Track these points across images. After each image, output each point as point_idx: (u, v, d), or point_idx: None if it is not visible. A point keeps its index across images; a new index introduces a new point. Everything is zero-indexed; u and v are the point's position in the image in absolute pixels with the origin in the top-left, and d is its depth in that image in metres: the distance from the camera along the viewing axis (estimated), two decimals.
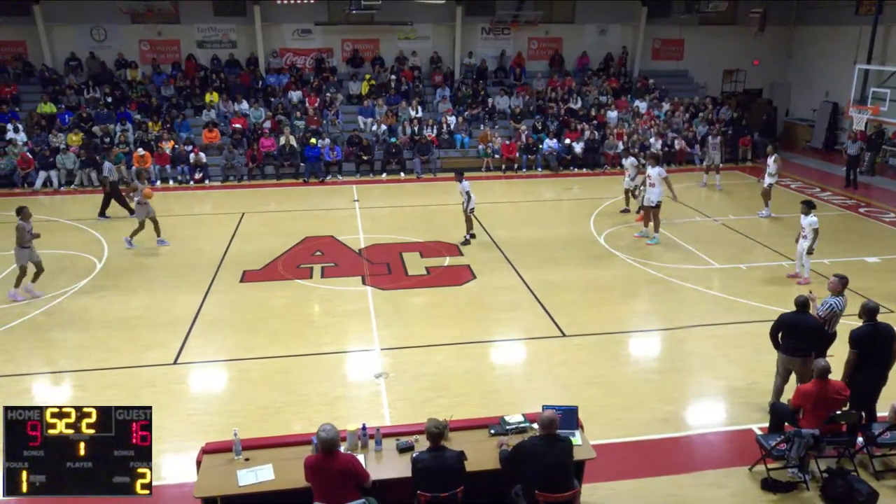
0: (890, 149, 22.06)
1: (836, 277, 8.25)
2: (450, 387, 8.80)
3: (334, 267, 13.19)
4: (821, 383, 6.83)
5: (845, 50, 23.12)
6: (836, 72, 23.55)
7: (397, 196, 18.71)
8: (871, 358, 7.28)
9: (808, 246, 11.90)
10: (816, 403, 6.82)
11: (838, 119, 24.40)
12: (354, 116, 22.83)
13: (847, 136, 23.01)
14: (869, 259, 13.60)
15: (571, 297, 11.79)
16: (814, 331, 7.79)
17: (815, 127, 25.43)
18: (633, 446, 7.64)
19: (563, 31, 25.66)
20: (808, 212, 11.91)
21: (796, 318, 7.80)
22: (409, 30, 24.58)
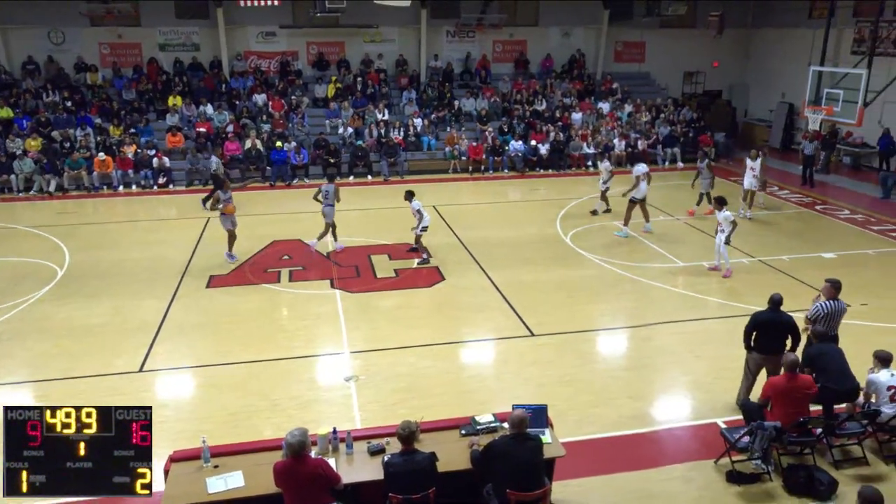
0: (844, 148, 22.68)
1: (828, 283, 8.41)
2: (420, 388, 8.79)
3: (302, 270, 13.08)
4: (790, 377, 6.99)
5: (800, 52, 23.72)
6: (791, 73, 24.14)
7: (365, 199, 18.63)
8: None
9: (724, 238, 12.33)
10: (784, 396, 6.97)
11: (794, 119, 25.02)
12: (321, 119, 22.69)
13: (802, 135, 23.61)
14: (826, 255, 13.95)
15: (540, 296, 11.87)
16: (788, 328, 7.88)
17: (773, 127, 26.04)
18: (603, 443, 7.72)
19: (527, 34, 25.86)
20: (720, 208, 12.48)
21: (771, 316, 7.91)
22: (375, 32, 24.51)
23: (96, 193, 19.16)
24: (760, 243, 14.64)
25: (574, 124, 23.33)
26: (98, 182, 19.37)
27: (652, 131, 23.48)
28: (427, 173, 21.39)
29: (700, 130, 23.92)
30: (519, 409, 6.06)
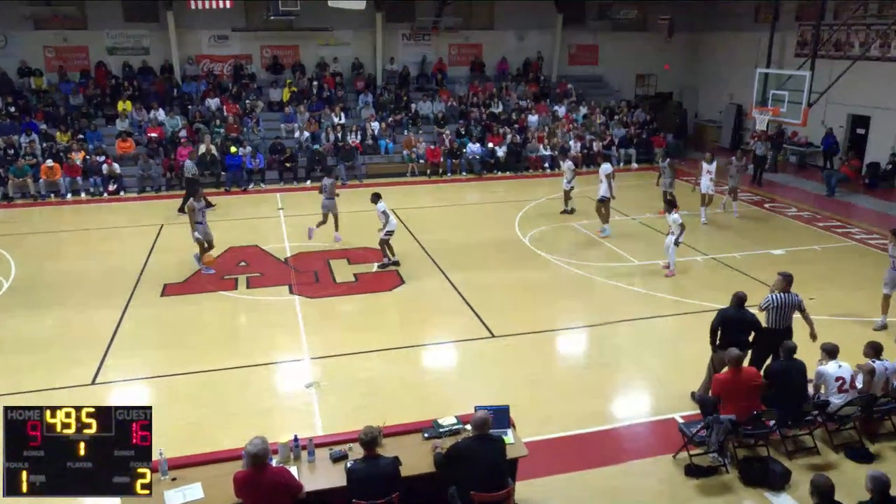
0: (790, 147, 23.40)
1: (780, 276, 8.65)
2: (382, 393, 8.74)
3: (260, 277, 12.89)
4: (735, 371, 7.17)
5: (747, 55, 24.38)
6: (739, 76, 24.78)
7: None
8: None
9: (674, 239, 12.53)
10: (732, 391, 7.14)
11: (743, 120, 25.72)
12: (276, 123, 22.42)
13: (751, 135, 24.29)
14: (775, 251, 14.36)
15: (500, 298, 11.94)
16: (752, 325, 8.13)
17: (723, 128, 26.72)
18: (565, 441, 7.79)
19: (482, 37, 26.02)
20: (670, 210, 12.68)
21: (736, 313, 8.12)
22: (330, 36, 24.35)
23: (43, 202, 18.56)
24: (712, 241, 15.00)
25: (530, 127, 23.55)
26: (45, 190, 18.76)
27: (607, 133, 23.87)
28: (385, 177, 21.33)
29: (653, 132, 24.41)
30: (481, 410, 6.07)
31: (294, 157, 20.82)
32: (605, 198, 15.03)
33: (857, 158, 20.59)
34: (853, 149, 21.20)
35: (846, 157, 21.01)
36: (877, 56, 20.28)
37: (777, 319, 8.39)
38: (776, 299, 8.42)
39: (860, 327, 10.43)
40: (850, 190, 19.49)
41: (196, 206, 12.70)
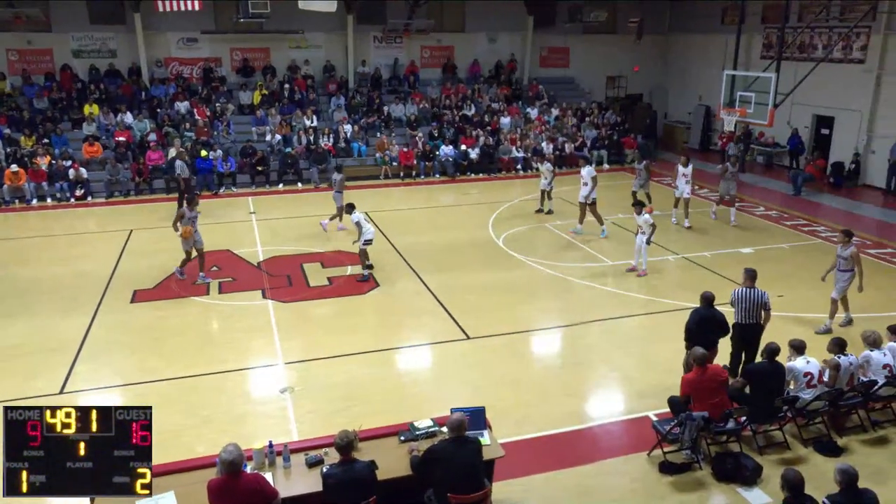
0: (757, 147, 23.83)
1: (745, 272, 8.93)
2: (358, 396, 8.71)
3: (232, 282, 12.76)
4: (700, 370, 7.28)
5: (714, 57, 24.80)
6: (707, 77, 25.19)
7: (295, 207, 18.34)
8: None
9: (646, 239, 12.65)
10: (700, 389, 7.25)
11: (711, 121, 26.13)
12: (247, 127, 22.20)
13: (718, 136, 24.70)
14: (744, 250, 14.60)
15: (475, 299, 11.97)
16: (722, 324, 8.30)
17: (692, 129, 27.12)
18: (541, 441, 7.83)
19: (454, 40, 26.08)
20: (640, 211, 12.78)
21: (708, 312, 8.29)
22: (301, 38, 24.20)
23: (8, 207, 18.15)
24: (683, 241, 15.20)
25: (503, 129, 23.65)
26: (9, 195, 18.35)
27: (578, 134, 24.06)
28: (358, 180, 21.20)
29: (624, 133, 24.67)
30: (457, 412, 6.08)
31: (265, 160, 20.65)
32: (594, 199, 15.10)
33: (823, 158, 21.06)
34: (818, 149, 21.69)
35: (812, 156, 21.47)
36: (839, 58, 20.76)
37: (743, 314, 8.66)
38: (740, 294, 8.67)
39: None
40: (815, 189, 19.91)
41: (188, 214, 12.19)
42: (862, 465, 6.68)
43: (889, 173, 19.54)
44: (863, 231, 15.91)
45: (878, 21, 19.37)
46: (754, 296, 8.64)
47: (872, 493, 5.51)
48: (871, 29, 19.73)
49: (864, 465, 6.92)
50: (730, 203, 16.35)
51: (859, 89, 20.21)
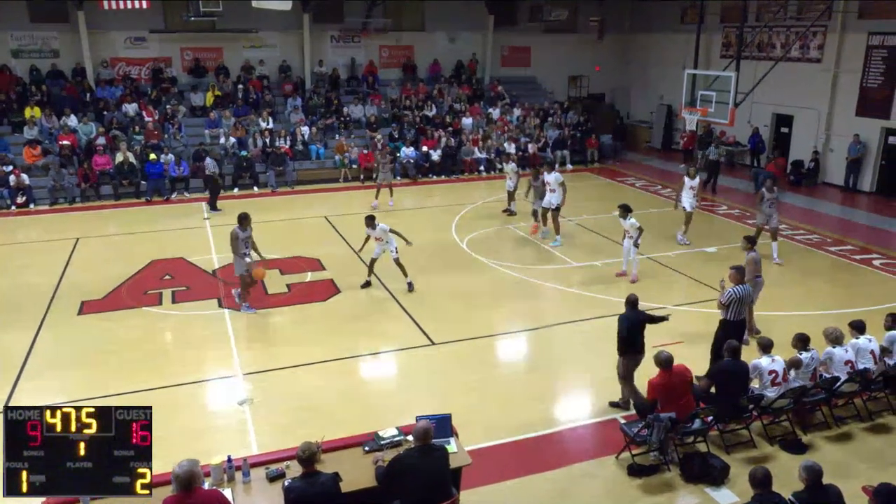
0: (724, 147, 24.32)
1: (733, 269, 9.16)
2: (320, 407, 8.63)
3: (186, 290, 12.53)
4: (666, 373, 7.40)
5: (675, 56, 25.30)
6: (668, 76, 25.69)
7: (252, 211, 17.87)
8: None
9: (633, 242, 12.64)
10: (667, 392, 7.37)
11: (673, 120, 26.65)
12: (199, 129, 21.87)
13: (680, 135, 25.18)
14: (708, 249, 14.91)
15: (439, 304, 11.97)
16: (651, 320, 8.42)
17: (654, 128, 27.62)
18: (508, 447, 7.86)
19: (413, 39, 26.09)
20: (625, 216, 12.70)
21: (636, 315, 8.34)
22: (255, 38, 23.94)
23: None
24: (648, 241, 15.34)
25: (465, 129, 23.74)
26: None
27: (541, 135, 24.28)
28: (317, 183, 21.10)
29: (587, 133, 24.98)
30: (422, 420, 6.07)
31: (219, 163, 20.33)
32: (559, 206, 14.97)
33: (783, 157, 21.65)
34: (778, 147, 22.30)
35: (772, 155, 22.04)
36: (797, 57, 21.38)
37: (735, 312, 8.93)
38: (737, 293, 8.91)
39: (788, 321, 10.91)
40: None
41: (241, 234, 11.24)
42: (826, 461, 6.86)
43: (847, 171, 20.18)
44: (823, 228, 16.42)
45: (834, 20, 20.00)
46: (746, 292, 9.02)
47: (837, 488, 5.66)
48: (827, 28, 20.37)
49: (828, 461, 7.10)
50: (772, 235, 14.05)
51: (817, 88, 20.84)
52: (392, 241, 12.28)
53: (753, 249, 10.47)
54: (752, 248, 10.49)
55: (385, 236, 12.24)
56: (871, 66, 19.38)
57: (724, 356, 7.98)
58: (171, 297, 12.24)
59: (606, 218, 17.39)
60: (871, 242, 15.47)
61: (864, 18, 19.50)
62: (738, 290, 8.95)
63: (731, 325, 8.92)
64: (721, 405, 7.69)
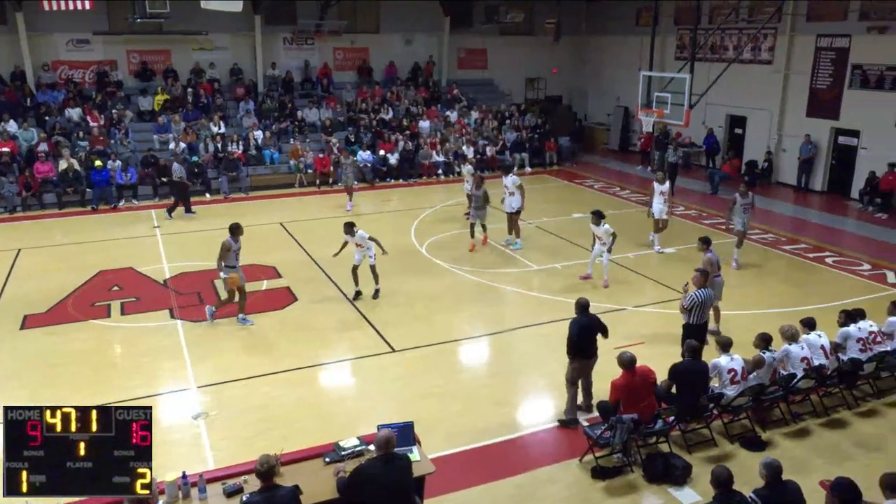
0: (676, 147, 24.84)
1: (697, 272, 9.33)
2: (279, 418, 8.52)
3: (136, 302, 12.26)
4: (629, 374, 7.51)
5: (630, 58, 25.77)
6: (624, 78, 26.14)
7: (204, 218, 17.81)
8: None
9: (607, 248, 12.68)
10: (630, 393, 7.47)
11: (630, 122, 27.12)
12: (147, 135, 21.46)
13: (637, 137, 25.65)
14: (666, 250, 15.20)
15: (399, 310, 11.94)
16: (602, 327, 8.44)
17: (611, 130, 28.07)
18: (472, 454, 7.88)
19: (368, 41, 26.04)
20: (598, 222, 12.68)
21: (588, 319, 8.35)
22: (205, 40, 23.59)
23: None
24: None
25: (422, 133, 23.77)
26: None
27: (499, 137, 24.45)
28: (272, 188, 20.87)
29: (545, 135, 25.24)
30: (384, 428, 6.04)
31: (169, 169, 19.94)
32: (519, 210, 14.98)
33: (738, 157, 22.22)
34: (733, 148, 22.89)
35: (727, 156, 22.62)
36: (749, 59, 21.98)
37: (697, 316, 9.12)
38: (700, 297, 9.08)
39: (746, 320, 11.19)
40: (732, 187, 20.89)
41: (233, 245, 11.03)
42: (785, 457, 7.07)
43: (799, 171, 20.80)
44: (777, 228, 16.89)
45: (784, 22, 20.64)
46: (709, 295, 9.23)
47: (796, 484, 5.81)
48: (777, 30, 20.99)
49: (787, 457, 7.31)
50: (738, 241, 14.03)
51: (769, 89, 21.46)
52: (371, 247, 12.17)
53: (710, 250, 10.70)
54: (707, 249, 10.72)
55: (364, 243, 12.12)
56: (819, 67, 20.05)
57: (684, 356, 8.14)
58: (121, 308, 11.96)
59: (565, 220, 17.63)
60: (823, 241, 15.98)
61: (812, 21, 20.18)
62: (701, 295, 9.12)
63: (693, 328, 9.09)
64: (682, 405, 7.83)
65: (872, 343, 9.03)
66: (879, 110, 18.45)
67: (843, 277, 13.70)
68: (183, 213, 18.01)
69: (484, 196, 14.89)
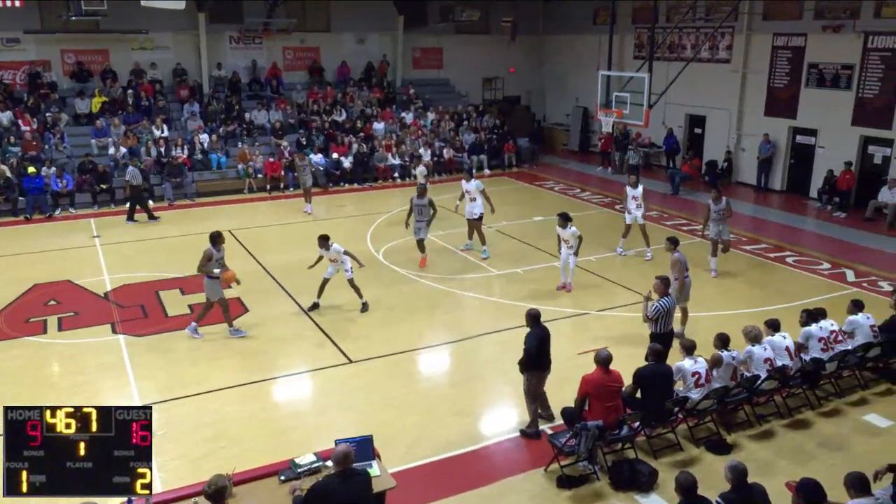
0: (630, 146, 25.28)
1: (658, 280, 9.39)
2: (230, 436, 8.39)
3: (74, 317, 11.95)
4: (604, 371, 7.61)
5: (588, 57, 26.17)
6: (583, 78, 26.52)
7: (147, 227, 17.47)
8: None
9: (573, 252, 12.80)
10: (601, 389, 7.56)
11: (589, 122, 27.51)
12: (85, 139, 20.95)
13: (598, 137, 26.02)
14: (628, 252, 15.44)
15: (355, 319, 11.90)
16: (548, 339, 8.44)
17: (570, 131, 28.43)
18: (434, 466, 7.87)
19: (319, 40, 25.90)
20: (565, 224, 12.74)
21: (543, 331, 8.38)
22: (145, 39, 23.15)
23: None
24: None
25: (377, 135, 23.71)
26: None
27: (457, 139, 24.54)
28: (219, 194, 20.56)
29: (504, 137, 25.42)
30: (342, 443, 6.01)
31: (108, 175, 19.52)
32: (481, 216, 14.88)
33: (698, 157, 22.73)
34: (693, 148, 23.40)
35: (687, 156, 23.11)
36: (707, 58, 22.52)
37: (663, 325, 9.20)
38: (664, 306, 9.16)
39: (708, 322, 11.43)
40: (692, 188, 21.44)
41: (215, 254, 10.91)
42: (751, 460, 7.24)
43: (758, 170, 21.38)
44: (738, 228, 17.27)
45: (741, 21, 21.20)
46: (672, 303, 9.32)
47: (761, 486, 5.95)
48: (735, 29, 21.56)
49: (752, 459, 7.49)
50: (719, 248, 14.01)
51: (727, 88, 22.01)
52: (347, 261, 11.95)
53: (677, 250, 10.91)
54: (675, 249, 10.92)
55: (339, 257, 11.88)
56: (776, 66, 20.65)
57: (648, 360, 8.27)
58: (58, 324, 11.64)
59: (526, 224, 17.78)
60: (784, 240, 16.44)
61: (768, 20, 20.78)
62: (665, 304, 9.21)
63: (659, 337, 9.15)
64: (647, 410, 7.95)
65: (834, 342, 9.33)
66: (835, 109, 19.09)
67: (804, 277, 14.11)
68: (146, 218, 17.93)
69: (430, 206, 14.08)
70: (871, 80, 18.37)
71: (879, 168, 18.61)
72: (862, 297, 10.69)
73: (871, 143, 18.77)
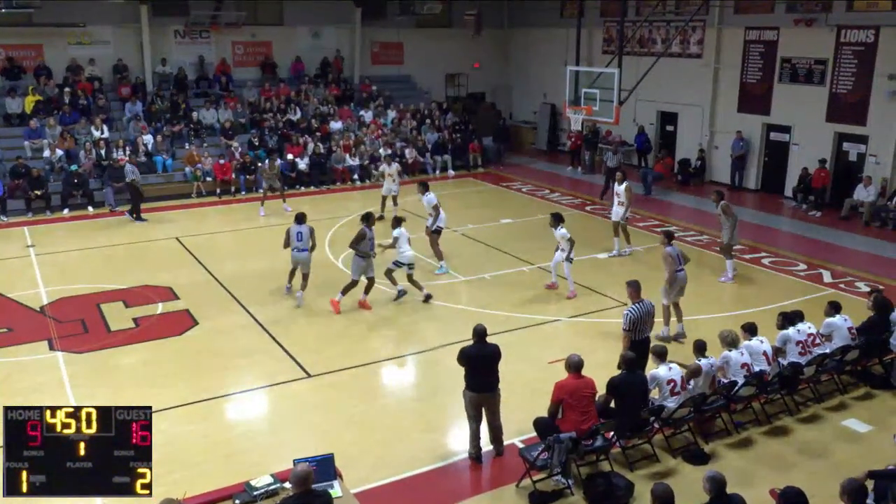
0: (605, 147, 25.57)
1: (628, 285, 9.49)
2: (179, 458, 8.26)
3: (7, 333, 11.67)
4: (577, 376, 7.67)
5: (556, 52, 26.42)
6: (550, 74, 26.75)
7: (87, 236, 17.15)
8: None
9: (565, 256, 12.89)
10: (574, 396, 7.63)
11: (558, 120, 27.77)
12: (17, 141, 20.53)
13: (567, 135, 26.27)
14: (600, 256, 15.62)
15: (314, 331, 11.83)
16: (497, 359, 8.18)
17: (538, 129, 28.65)
18: (400, 485, 7.85)
19: (271, 35, 25.75)
20: (556, 225, 12.87)
21: (480, 349, 8.18)
22: (83, 33, 22.77)
23: None
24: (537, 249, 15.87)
25: (334, 134, 23.62)
26: None
27: (419, 139, 24.55)
28: (165, 199, 20.26)
29: (468, 136, 25.49)
30: (301, 463, 5.96)
31: (42, 180, 19.12)
32: (439, 229, 14.66)
33: (670, 156, 23.09)
34: (665, 146, 23.77)
35: (660, 154, 23.46)
36: (678, 52, 22.91)
37: (638, 332, 9.24)
38: (635, 312, 9.20)
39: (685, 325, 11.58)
40: (665, 187, 21.78)
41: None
42: (729, 469, 7.35)
43: (732, 169, 21.79)
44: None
45: (712, 15, 21.63)
46: (645, 309, 9.32)
47: (740, 497, 6.05)
48: (706, 23, 21.97)
49: (731, 469, 7.60)
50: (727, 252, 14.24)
51: (699, 84, 22.43)
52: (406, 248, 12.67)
53: (671, 244, 11.06)
54: (668, 243, 11.08)
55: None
56: (749, 61, 21.11)
57: (620, 368, 8.34)
58: None
59: (493, 227, 17.86)
60: (759, 241, 16.76)
61: (740, 13, 21.24)
62: (636, 310, 9.25)
63: (637, 345, 9.17)
64: (622, 420, 8.03)
65: (811, 345, 9.53)
66: (809, 105, 19.57)
67: (780, 278, 14.41)
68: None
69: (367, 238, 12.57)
70: (844, 75, 18.88)
71: (854, 165, 19.13)
72: (839, 299, 10.97)
73: (845, 139, 19.28)
